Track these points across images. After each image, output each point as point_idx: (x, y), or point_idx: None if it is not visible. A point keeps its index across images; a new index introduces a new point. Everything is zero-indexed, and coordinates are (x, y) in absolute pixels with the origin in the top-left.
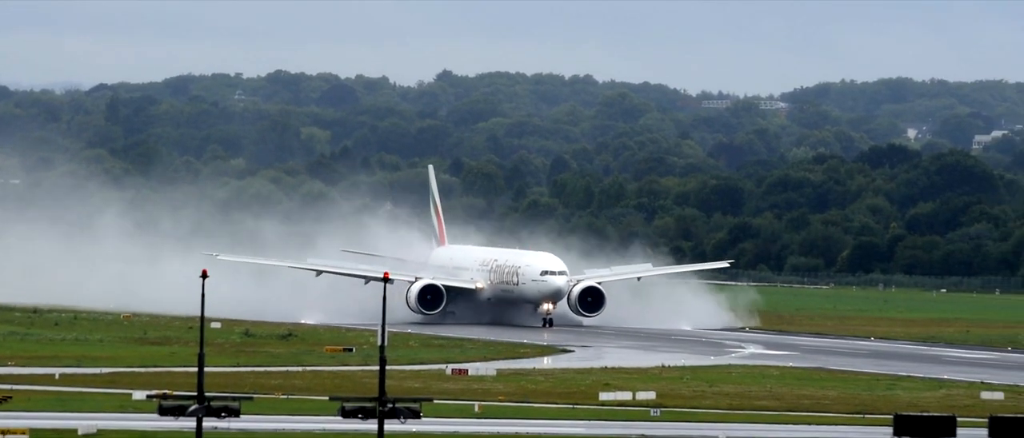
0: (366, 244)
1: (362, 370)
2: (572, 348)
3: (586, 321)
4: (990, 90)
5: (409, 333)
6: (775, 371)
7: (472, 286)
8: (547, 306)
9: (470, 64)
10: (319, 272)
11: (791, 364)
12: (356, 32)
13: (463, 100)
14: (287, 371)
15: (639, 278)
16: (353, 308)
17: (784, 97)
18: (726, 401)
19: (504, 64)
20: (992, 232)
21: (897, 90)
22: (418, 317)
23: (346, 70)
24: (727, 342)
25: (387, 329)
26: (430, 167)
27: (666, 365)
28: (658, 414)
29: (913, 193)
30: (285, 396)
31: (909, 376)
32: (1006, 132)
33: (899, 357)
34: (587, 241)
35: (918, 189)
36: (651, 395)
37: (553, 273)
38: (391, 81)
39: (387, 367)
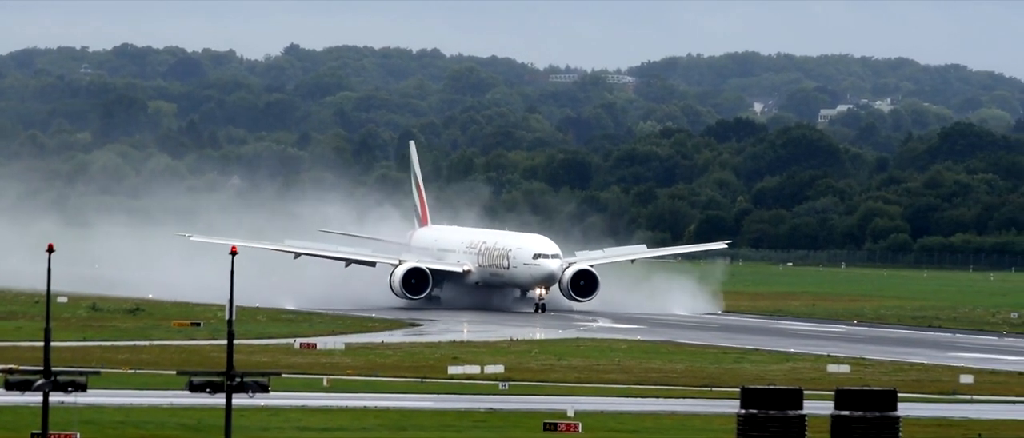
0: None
1: (210, 344)
2: (421, 322)
3: (578, 306)
4: (835, 64)
5: (257, 307)
6: (623, 345)
7: (459, 269)
8: (540, 291)
9: (317, 38)
10: (297, 254)
11: (639, 338)
12: (203, 6)
13: (311, 74)
14: (135, 345)
15: (632, 261)
16: (335, 293)
17: (631, 71)
18: (574, 375)
19: (352, 38)
20: (837, 206)
21: (743, 64)
22: (402, 302)
23: (193, 44)
24: (575, 315)
25: (235, 304)
26: (412, 143)
27: (515, 339)
28: (506, 388)
29: (759, 167)
30: (133, 371)
31: (756, 350)
32: (851, 106)
33: (746, 331)
34: (438, 214)
35: (764, 163)
36: (500, 369)
37: (546, 256)
38: (238, 55)
39: (235, 341)
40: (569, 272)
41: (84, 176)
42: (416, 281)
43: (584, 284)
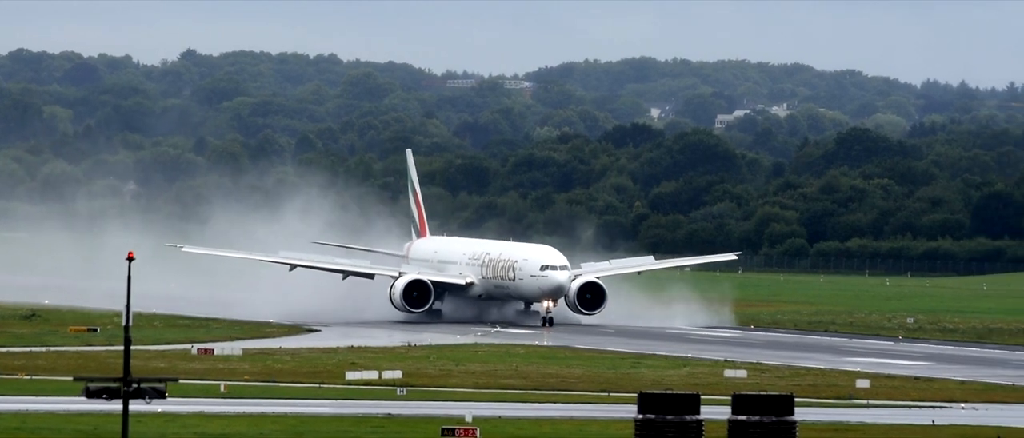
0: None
1: (107, 350)
2: (318, 328)
3: (585, 319)
4: (732, 70)
5: (154, 313)
6: (521, 350)
7: (462, 281)
8: (547, 304)
9: (214, 43)
10: (293, 266)
11: (536, 343)
12: (99, 10)
13: (207, 79)
14: (30, 352)
15: (640, 273)
16: (330, 306)
17: (529, 76)
18: (472, 380)
19: (248, 43)
20: (734, 211)
21: (641, 70)
22: (402, 315)
23: (89, 49)
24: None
25: (131, 310)
26: (409, 152)
27: (413, 344)
28: (404, 393)
29: (657, 172)
30: (28, 377)
31: (653, 355)
32: (748, 112)
33: (644, 336)
34: (333, 218)
35: (661, 168)
36: (397, 374)
37: (554, 268)
38: (135, 60)
39: (132, 347)
40: (575, 284)
41: None
42: (417, 293)
43: (591, 297)
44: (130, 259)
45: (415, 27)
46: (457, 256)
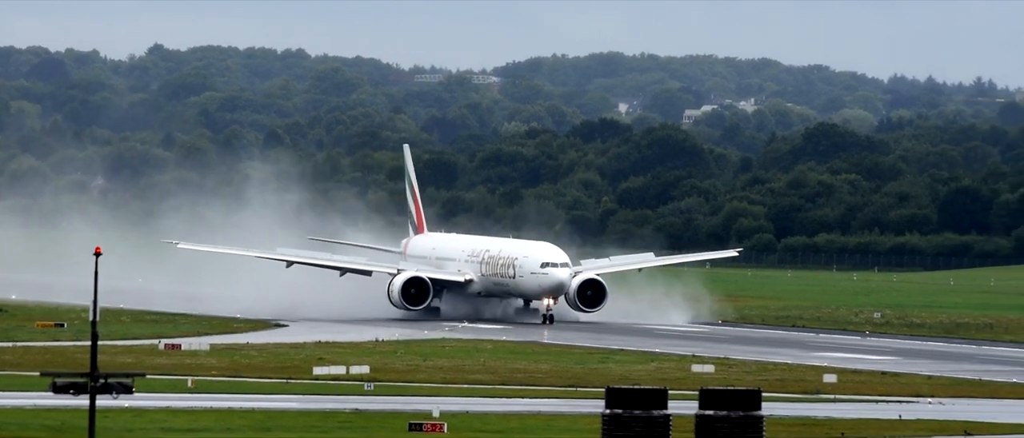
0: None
1: (74, 345)
2: (285, 323)
3: (585, 317)
4: (700, 65)
5: (121, 309)
6: (488, 345)
7: (461, 279)
8: (548, 301)
9: (182, 38)
10: (290, 263)
11: (504, 338)
12: (66, 6)
13: (175, 74)
14: None
15: (640, 269)
16: (320, 302)
17: (496, 72)
18: (440, 375)
19: (216, 38)
20: (702, 206)
21: (608, 65)
22: (400, 313)
23: (56, 44)
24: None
25: (99, 305)
26: (406, 147)
27: (380, 339)
28: (372, 388)
29: (624, 167)
30: None
31: (622, 350)
32: (715, 107)
33: (611, 331)
34: (303, 215)
35: (629, 163)
36: (365, 369)
37: (555, 265)
38: (102, 55)
39: (99, 342)
40: (576, 281)
41: None
42: (416, 291)
43: (591, 294)
44: (97, 254)
45: (383, 22)
46: (456, 253)
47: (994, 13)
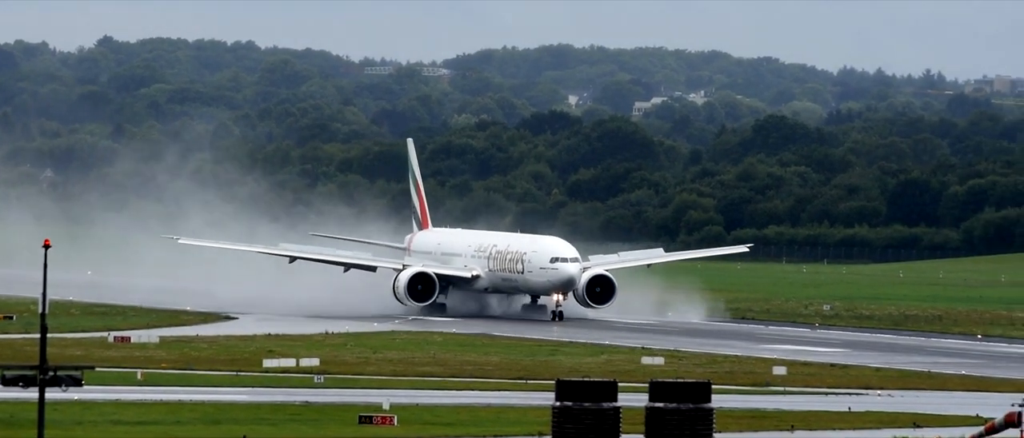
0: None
1: (23, 338)
2: (235, 315)
3: (594, 313)
4: (649, 57)
5: (70, 301)
6: (438, 337)
7: (468, 274)
8: (557, 297)
9: (131, 30)
10: (293, 258)
11: (454, 330)
12: None
13: (124, 66)
14: None
15: (649, 265)
16: (318, 298)
17: (447, 64)
18: (390, 367)
19: (166, 30)
20: (652, 198)
21: (558, 57)
22: (405, 309)
23: (5, 35)
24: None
25: (48, 297)
26: (410, 141)
27: (330, 332)
28: (322, 381)
29: (574, 159)
30: None
31: (571, 342)
32: (665, 99)
33: (561, 323)
34: (250, 208)
35: (579, 155)
36: (315, 362)
37: (565, 260)
38: (51, 47)
39: (48, 335)
40: (585, 277)
41: None
42: (422, 287)
43: (600, 290)
44: (46, 247)
45: (333, 14)
46: (462, 248)
47: (943, 5)
